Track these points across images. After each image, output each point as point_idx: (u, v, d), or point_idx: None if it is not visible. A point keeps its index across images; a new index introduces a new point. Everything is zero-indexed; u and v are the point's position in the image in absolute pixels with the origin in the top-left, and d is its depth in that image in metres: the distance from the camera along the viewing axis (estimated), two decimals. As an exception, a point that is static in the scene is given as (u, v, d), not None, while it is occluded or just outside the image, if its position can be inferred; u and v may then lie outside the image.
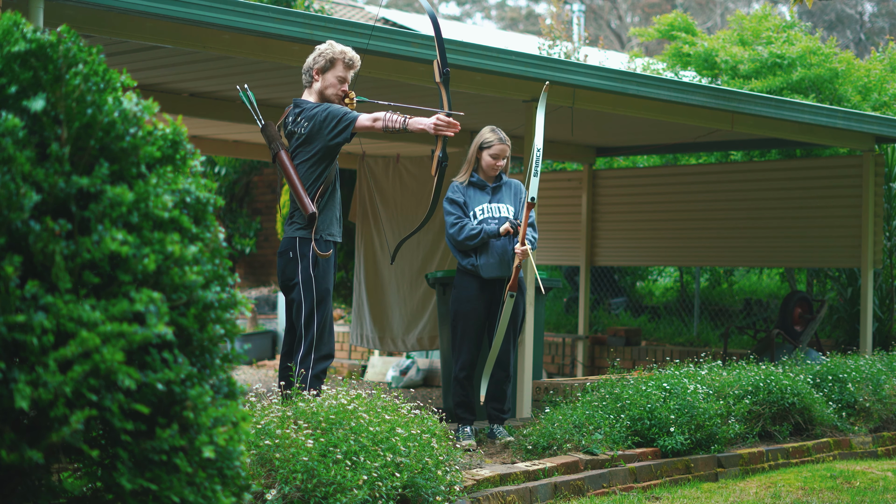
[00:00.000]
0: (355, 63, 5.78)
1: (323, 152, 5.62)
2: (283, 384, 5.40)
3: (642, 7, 34.26)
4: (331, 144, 5.61)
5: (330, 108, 5.63)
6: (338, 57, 5.72)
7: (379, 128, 5.57)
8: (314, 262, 5.61)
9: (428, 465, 4.64)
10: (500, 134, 6.53)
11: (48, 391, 2.48)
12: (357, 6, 19.88)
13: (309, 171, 5.64)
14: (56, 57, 2.75)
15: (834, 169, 10.46)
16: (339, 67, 5.73)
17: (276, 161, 5.69)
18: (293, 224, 5.69)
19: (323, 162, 5.64)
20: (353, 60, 5.77)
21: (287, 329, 5.85)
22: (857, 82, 11.61)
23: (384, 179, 10.20)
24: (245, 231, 15.20)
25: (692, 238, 11.22)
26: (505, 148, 6.50)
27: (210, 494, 2.77)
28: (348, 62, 5.74)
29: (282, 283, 5.74)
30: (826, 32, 25.45)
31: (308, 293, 5.59)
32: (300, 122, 5.66)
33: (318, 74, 5.75)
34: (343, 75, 5.74)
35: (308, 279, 5.59)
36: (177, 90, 8.38)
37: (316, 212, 5.57)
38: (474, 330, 6.54)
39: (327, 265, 5.66)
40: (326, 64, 5.72)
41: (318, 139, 5.61)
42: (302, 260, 5.60)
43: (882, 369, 7.88)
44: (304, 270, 5.59)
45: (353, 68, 5.78)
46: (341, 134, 5.59)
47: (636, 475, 6.00)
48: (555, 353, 11.74)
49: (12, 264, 2.50)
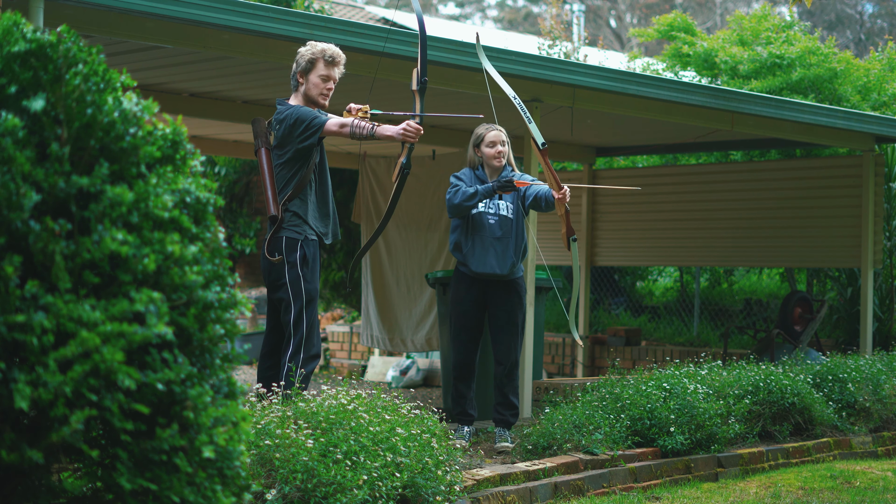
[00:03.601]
0: (338, 59, 5.71)
1: (295, 155, 5.63)
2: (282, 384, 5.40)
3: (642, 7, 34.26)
4: (300, 147, 5.61)
5: (299, 112, 5.60)
6: (318, 56, 5.67)
7: (346, 133, 5.55)
8: (303, 261, 5.61)
9: (428, 465, 4.64)
10: (489, 125, 6.50)
11: (48, 391, 2.48)
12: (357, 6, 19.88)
13: (282, 172, 5.66)
14: (56, 57, 2.75)
15: (834, 169, 10.46)
16: (320, 66, 5.68)
17: (257, 157, 5.73)
18: (284, 226, 5.69)
19: (296, 164, 5.64)
20: (335, 57, 5.69)
21: (269, 330, 5.82)
22: (856, 82, 11.61)
23: (386, 180, 10.20)
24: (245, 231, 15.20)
25: (692, 238, 11.22)
26: (498, 133, 6.45)
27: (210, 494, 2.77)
28: (329, 59, 5.67)
29: (268, 282, 5.71)
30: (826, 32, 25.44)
31: (297, 292, 5.59)
32: (275, 124, 5.68)
33: (301, 77, 5.72)
34: (326, 73, 5.68)
35: (296, 278, 5.59)
36: (177, 90, 8.38)
37: (278, 215, 5.59)
38: (467, 330, 6.50)
39: (315, 265, 5.66)
40: (307, 65, 5.69)
41: (289, 142, 5.62)
42: (289, 259, 5.60)
43: (882, 369, 7.88)
44: (291, 270, 5.59)
45: (336, 65, 5.71)
46: (309, 138, 5.57)
47: (636, 475, 6.00)
48: (555, 353, 11.74)
49: (12, 264, 2.50)
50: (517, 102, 6.10)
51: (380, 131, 5.57)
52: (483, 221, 6.41)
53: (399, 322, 10.00)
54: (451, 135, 9.87)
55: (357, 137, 5.57)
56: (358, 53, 6.45)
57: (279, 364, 5.67)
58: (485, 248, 6.38)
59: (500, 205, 6.46)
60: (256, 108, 8.81)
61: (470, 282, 6.47)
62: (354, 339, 12.38)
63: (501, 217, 6.43)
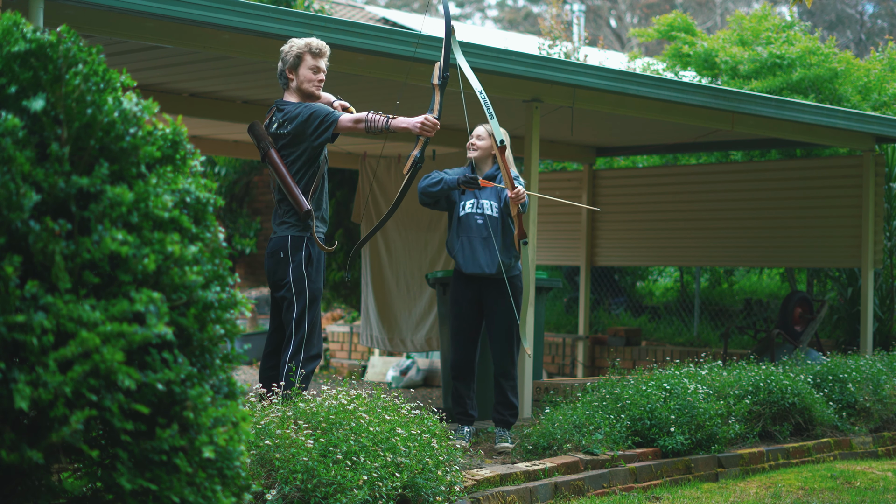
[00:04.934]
0: (323, 50, 5.75)
1: (309, 152, 5.63)
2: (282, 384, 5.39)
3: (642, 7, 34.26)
4: (314, 145, 5.61)
5: (313, 108, 5.62)
6: (303, 50, 5.71)
7: (361, 129, 5.57)
8: (307, 260, 5.60)
9: (428, 466, 4.64)
10: (484, 123, 6.52)
11: (48, 391, 2.47)
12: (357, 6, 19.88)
13: (299, 171, 5.64)
14: (56, 57, 2.75)
15: (834, 169, 10.46)
16: (308, 59, 5.71)
17: (267, 160, 5.69)
18: (283, 224, 5.68)
19: (310, 161, 5.64)
20: (320, 48, 5.74)
21: (272, 329, 5.83)
22: (856, 82, 11.61)
23: (386, 179, 10.19)
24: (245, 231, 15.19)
25: (692, 238, 11.22)
26: (480, 128, 6.48)
27: (210, 494, 2.77)
28: (315, 51, 5.71)
29: (272, 282, 5.72)
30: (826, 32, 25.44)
31: (301, 292, 5.58)
32: (284, 123, 5.66)
33: (290, 73, 5.74)
34: (314, 64, 5.71)
35: (301, 277, 5.59)
36: (177, 90, 8.38)
37: (311, 209, 5.58)
38: (462, 330, 6.52)
39: (320, 264, 5.66)
40: (295, 60, 5.71)
41: (303, 139, 5.61)
42: (294, 259, 5.59)
43: (882, 369, 7.88)
44: (296, 269, 5.58)
45: (322, 56, 5.75)
46: (323, 134, 5.58)
47: (636, 475, 6.00)
48: (555, 353, 11.74)
49: (12, 264, 2.50)
50: (482, 97, 6.10)
51: (395, 124, 5.58)
52: (471, 222, 6.43)
53: (399, 322, 10.00)
54: (452, 135, 9.87)
55: (372, 132, 5.57)
56: (358, 53, 6.45)
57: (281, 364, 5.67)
58: (473, 249, 6.41)
59: (485, 204, 6.46)
60: (256, 108, 8.81)
61: (466, 282, 6.49)
62: (354, 339, 12.38)
63: (487, 217, 6.43)
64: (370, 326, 10.24)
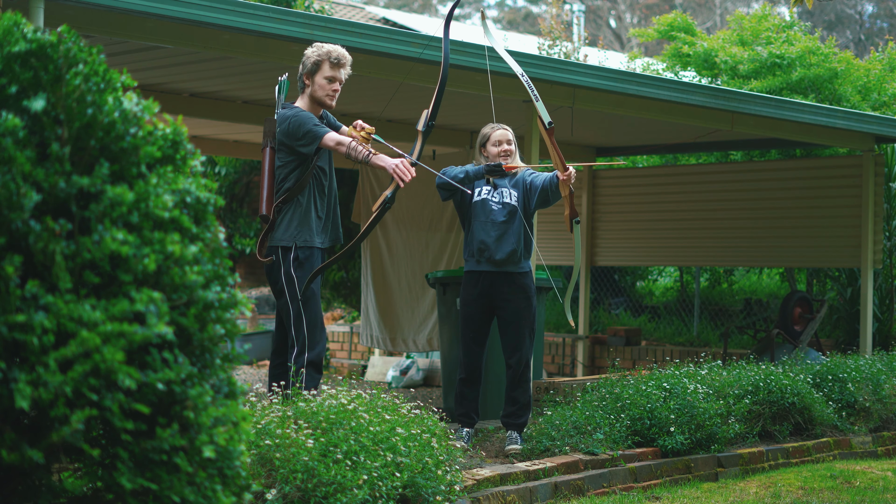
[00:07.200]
0: (343, 60, 5.73)
1: (295, 158, 5.68)
2: (283, 384, 5.41)
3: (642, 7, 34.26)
4: (301, 152, 5.64)
5: (300, 119, 5.62)
6: (323, 58, 5.69)
7: (342, 152, 5.58)
8: (296, 263, 5.64)
9: (428, 465, 4.64)
10: (495, 124, 6.45)
11: (48, 391, 2.48)
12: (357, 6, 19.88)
13: (282, 174, 5.69)
14: (56, 57, 2.75)
15: (834, 169, 10.46)
16: (325, 68, 5.70)
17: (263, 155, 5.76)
18: (277, 230, 5.74)
19: (296, 167, 5.67)
20: (341, 58, 5.71)
21: (277, 326, 5.91)
22: (856, 82, 11.61)
23: (387, 180, 10.18)
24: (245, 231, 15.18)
25: (692, 238, 11.22)
26: (504, 132, 6.36)
27: (210, 494, 2.77)
28: (335, 61, 5.69)
29: (270, 286, 5.84)
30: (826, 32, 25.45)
31: (293, 294, 5.64)
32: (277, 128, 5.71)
33: (307, 79, 5.75)
34: (331, 75, 5.70)
35: (291, 280, 5.64)
36: (177, 90, 8.38)
37: (267, 215, 5.61)
38: (472, 331, 6.40)
39: (308, 264, 5.68)
40: (313, 67, 5.71)
41: (289, 147, 5.65)
42: (284, 262, 5.64)
43: (882, 369, 7.88)
44: (286, 272, 5.63)
45: (342, 66, 5.73)
46: (306, 146, 5.61)
47: (636, 475, 6.00)
48: (555, 353, 11.74)
49: (12, 264, 2.50)
50: (525, 80, 6.07)
51: (375, 161, 5.57)
52: (487, 206, 6.30)
53: (401, 322, 9.99)
54: (452, 135, 9.88)
55: (351, 159, 5.59)
56: (358, 53, 6.45)
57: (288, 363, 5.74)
58: (485, 229, 6.29)
59: (505, 192, 6.34)
60: (257, 108, 8.82)
61: (476, 280, 6.34)
62: (354, 339, 12.37)
63: (505, 203, 6.32)
64: (370, 326, 10.24)
